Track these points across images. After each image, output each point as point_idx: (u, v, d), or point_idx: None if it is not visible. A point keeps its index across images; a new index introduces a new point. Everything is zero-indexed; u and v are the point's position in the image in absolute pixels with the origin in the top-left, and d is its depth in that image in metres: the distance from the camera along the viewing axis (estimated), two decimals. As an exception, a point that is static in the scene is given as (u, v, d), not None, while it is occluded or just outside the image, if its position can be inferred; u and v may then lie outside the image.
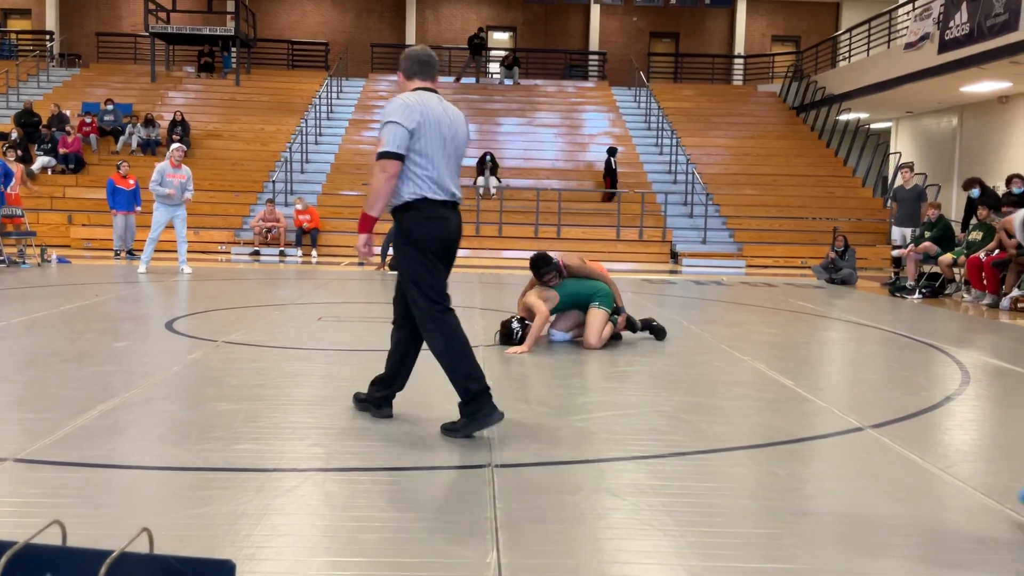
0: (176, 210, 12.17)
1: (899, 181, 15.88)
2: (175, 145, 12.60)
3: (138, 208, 15.28)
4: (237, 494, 3.19)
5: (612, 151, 20.21)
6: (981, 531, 3.07)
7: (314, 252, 16.75)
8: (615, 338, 7.11)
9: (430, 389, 5.26)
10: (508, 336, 6.76)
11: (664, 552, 2.80)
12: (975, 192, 12.88)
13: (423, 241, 4.04)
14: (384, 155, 3.92)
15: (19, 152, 17.80)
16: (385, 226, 16.51)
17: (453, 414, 4.26)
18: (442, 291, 4.10)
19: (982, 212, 12.10)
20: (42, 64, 25.61)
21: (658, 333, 7.25)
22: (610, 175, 19.83)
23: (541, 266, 6.90)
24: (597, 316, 6.77)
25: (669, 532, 2.95)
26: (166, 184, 11.97)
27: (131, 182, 15.20)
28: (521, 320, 6.80)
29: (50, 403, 4.49)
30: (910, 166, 15.60)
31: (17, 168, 14.13)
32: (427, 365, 5.92)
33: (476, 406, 4.03)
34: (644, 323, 7.30)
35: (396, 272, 4.30)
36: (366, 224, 4.09)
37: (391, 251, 14.10)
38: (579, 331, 7.04)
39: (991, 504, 3.31)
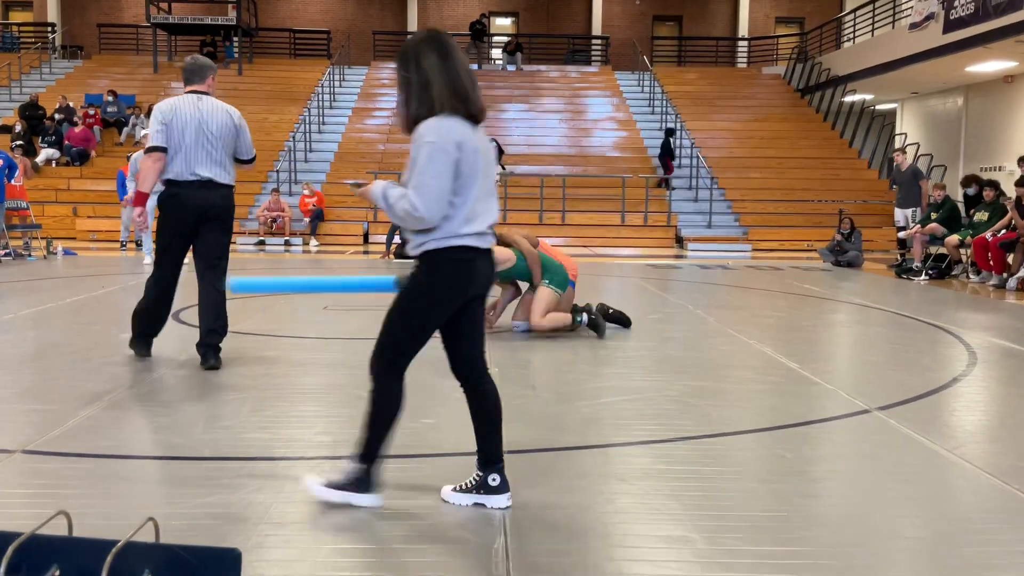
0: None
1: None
2: None
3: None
4: (245, 483, 3.20)
5: (671, 132, 20.05)
6: (989, 511, 3.07)
7: (313, 240, 16.73)
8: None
9: (434, 380, 5.28)
10: None
11: (672, 536, 2.80)
12: (971, 190, 12.87)
13: (167, 213, 5.15)
14: (149, 149, 5.11)
15: (24, 145, 17.82)
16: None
17: (462, 407, 4.27)
18: (167, 255, 5.26)
19: (988, 193, 12.05)
20: (44, 56, 25.58)
21: (622, 321, 6.86)
22: (669, 156, 19.68)
23: None
24: (543, 294, 6.50)
25: (677, 516, 2.96)
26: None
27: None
28: None
29: (58, 394, 4.50)
30: (902, 149, 15.58)
31: (21, 161, 14.13)
32: (433, 356, 5.93)
33: (136, 339, 5.43)
34: (600, 310, 6.84)
35: (401, 260, 4.48)
36: (139, 199, 5.27)
37: (396, 239, 14.13)
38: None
39: (998, 484, 3.31)
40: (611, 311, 6.88)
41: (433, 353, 6.12)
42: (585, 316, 6.59)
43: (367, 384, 4.83)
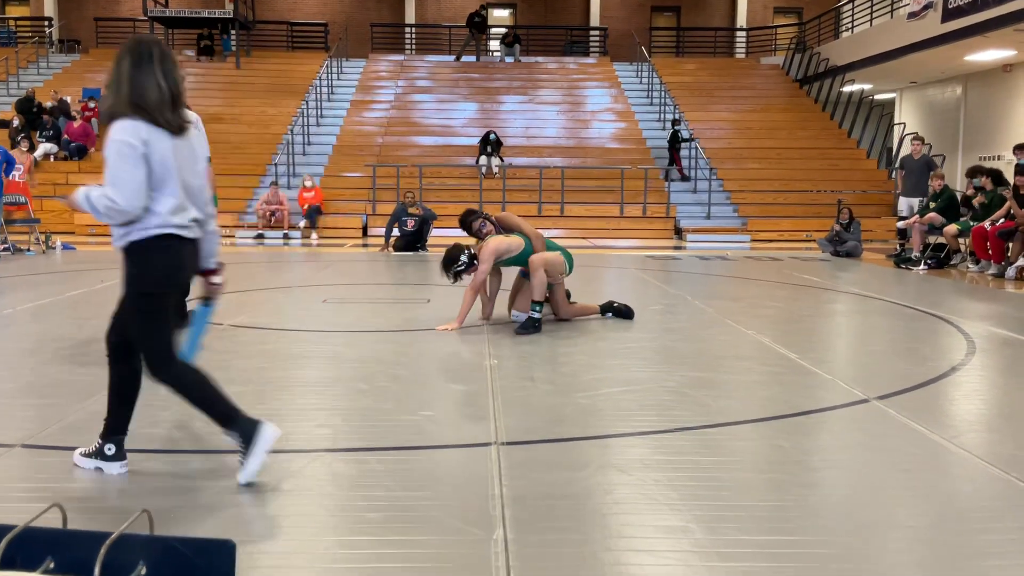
0: None
1: (906, 151, 15.79)
2: None
3: None
4: (244, 476, 3.20)
5: (677, 122, 19.83)
6: (987, 500, 3.07)
7: (314, 234, 16.73)
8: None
9: (432, 374, 5.28)
10: (452, 261, 6.46)
11: (670, 527, 2.81)
12: (977, 181, 12.83)
13: None
14: None
15: (29, 141, 17.69)
16: (389, 207, 16.28)
17: (462, 399, 4.26)
18: None
19: (986, 181, 12.05)
20: (41, 51, 25.50)
21: (625, 314, 6.88)
22: (676, 149, 19.49)
23: (468, 218, 6.72)
24: (558, 256, 6.54)
25: (675, 507, 2.96)
26: None
27: None
28: (471, 255, 6.46)
29: (57, 389, 4.51)
30: (921, 139, 15.50)
31: (27, 158, 14.05)
32: (430, 350, 5.93)
33: None
34: (604, 307, 6.97)
35: (400, 253, 4.46)
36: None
37: (395, 232, 14.12)
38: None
39: (997, 473, 3.32)
40: (616, 305, 6.99)
41: (431, 347, 6.10)
42: (611, 314, 6.89)
43: (367, 377, 4.85)
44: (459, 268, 6.49)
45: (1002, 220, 11.08)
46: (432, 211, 14.80)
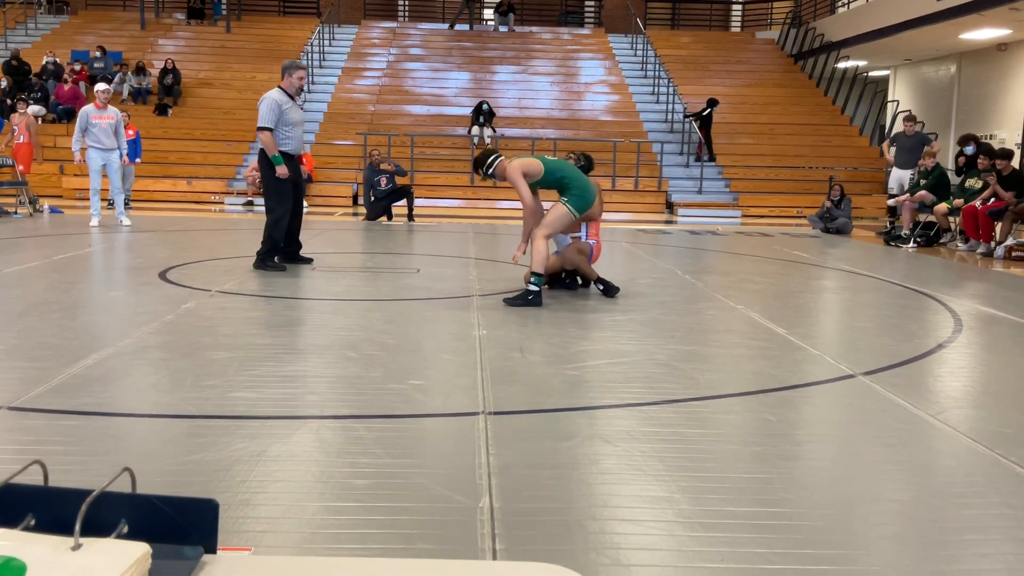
0: (109, 155, 11.58)
1: (899, 129, 15.77)
2: (101, 86, 11.87)
3: (138, 160, 15.10)
4: (232, 441, 3.20)
5: (713, 102, 19.37)
6: (970, 475, 3.10)
7: (303, 202, 16.62)
8: (568, 287, 6.99)
9: (421, 343, 5.28)
10: (483, 160, 6.49)
11: (655, 497, 2.82)
12: (969, 149, 12.79)
13: None
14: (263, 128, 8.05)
15: (27, 100, 17.38)
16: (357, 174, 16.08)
17: (450, 369, 4.26)
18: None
19: (983, 161, 12.06)
20: (30, 11, 25.17)
21: (609, 290, 6.79)
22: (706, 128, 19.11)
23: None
24: (558, 211, 6.42)
25: (661, 477, 2.97)
26: (92, 127, 11.42)
27: (131, 132, 14.96)
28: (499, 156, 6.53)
29: (44, 352, 4.49)
30: (913, 117, 15.47)
31: (23, 120, 13.82)
32: (423, 317, 5.93)
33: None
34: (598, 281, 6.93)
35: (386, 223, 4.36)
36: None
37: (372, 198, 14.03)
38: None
39: (980, 449, 3.34)
40: (609, 283, 6.98)
41: (420, 317, 6.11)
42: (602, 285, 6.83)
43: (355, 345, 4.85)
44: (490, 167, 6.45)
45: (992, 199, 11.10)
46: (401, 166, 14.61)
